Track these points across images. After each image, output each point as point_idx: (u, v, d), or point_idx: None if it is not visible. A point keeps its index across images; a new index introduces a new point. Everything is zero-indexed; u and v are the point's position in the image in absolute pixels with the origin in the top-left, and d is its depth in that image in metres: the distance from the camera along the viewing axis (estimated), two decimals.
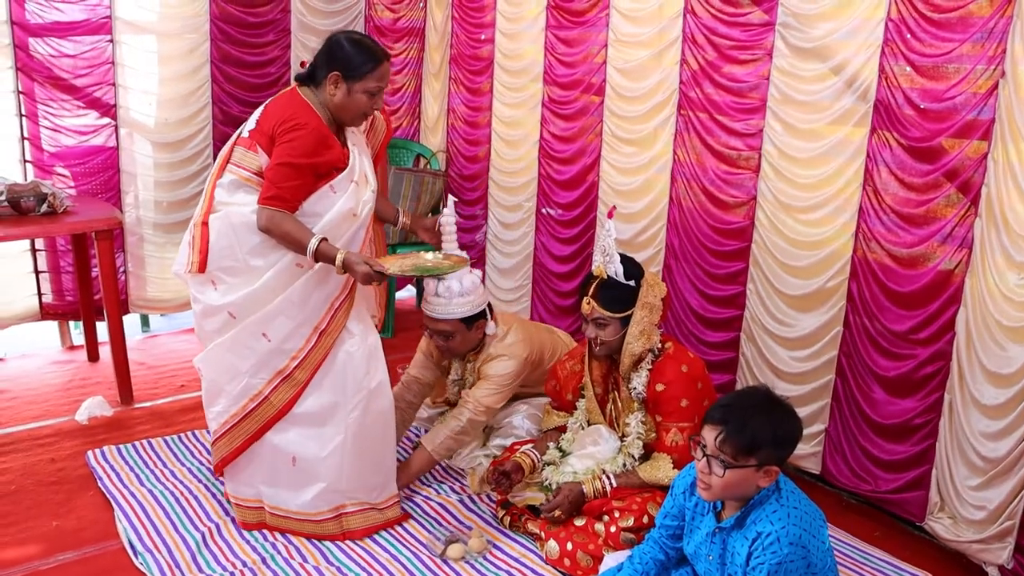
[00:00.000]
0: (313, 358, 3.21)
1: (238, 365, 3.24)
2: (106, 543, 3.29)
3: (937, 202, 3.28)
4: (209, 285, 3.22)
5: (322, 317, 3.21)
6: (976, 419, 3.17)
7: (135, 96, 5.10)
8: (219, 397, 3.31)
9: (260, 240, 3.13)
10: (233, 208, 3.16)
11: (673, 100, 4.17)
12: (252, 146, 3.15)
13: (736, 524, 2.51)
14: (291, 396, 3.23)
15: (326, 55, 3.20)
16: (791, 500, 2.47)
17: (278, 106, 3.19)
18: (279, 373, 3.22)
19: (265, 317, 3.17)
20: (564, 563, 3.15)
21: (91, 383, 4.75)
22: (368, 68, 3.15)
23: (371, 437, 3.32)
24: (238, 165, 3.19)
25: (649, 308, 3.23)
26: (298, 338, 3.20)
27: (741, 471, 2.41)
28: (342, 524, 3.33)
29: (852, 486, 3.64)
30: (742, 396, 2.62)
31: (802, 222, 3.71)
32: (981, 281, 3.12)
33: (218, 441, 3.33)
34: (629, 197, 4.48)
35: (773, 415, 2.45)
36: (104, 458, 3.87)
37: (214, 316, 3.24)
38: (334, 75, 3.13)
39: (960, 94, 3.16)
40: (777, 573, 2.35)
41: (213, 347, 3.27)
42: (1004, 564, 3.13)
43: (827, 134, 3.59)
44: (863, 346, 3.55)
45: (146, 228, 5.32)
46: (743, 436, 2.39)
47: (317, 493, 3.28)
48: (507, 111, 5.24)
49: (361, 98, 3.17)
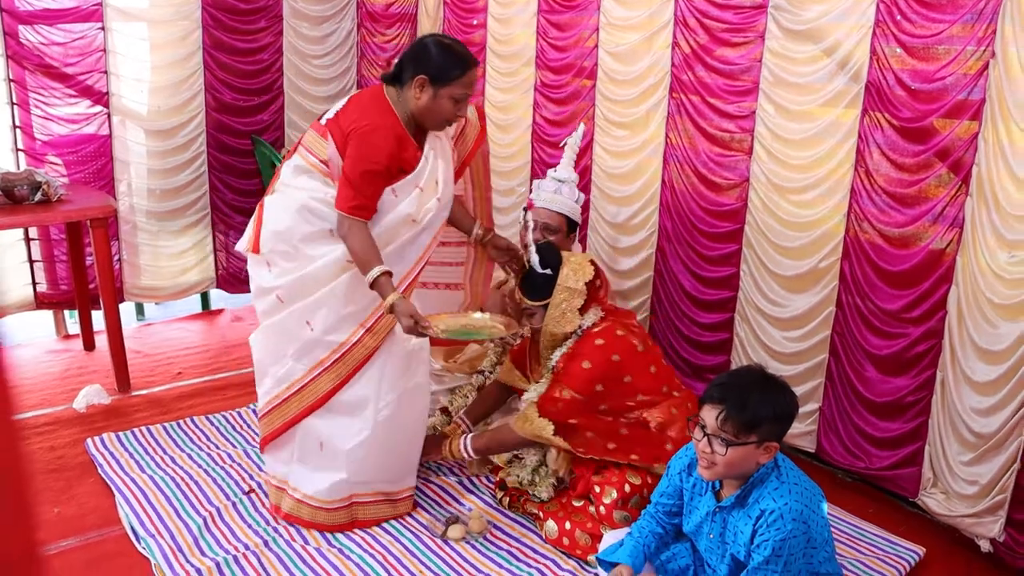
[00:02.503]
0: (355, 354, 3.18)
1: (283, 349, 3.25)
2: (108, 529, 3.31)
3: (928, 182, 3.31)
4: (264, 266, 3.25)
5: (370, 315, 3.17)
6: (968, 395, 3.21)
7: (127, 84, 5.10)
8: (265, 377, 3.35)
9: (315, 229, 3.14)
10: (292, 191, 3.17)
11: (665, 83, 4.19)
12: (324, 134, 3.14)
13: (737, 503, 2.55)
14: (331, 387, 3.22)
15: (413, 57, 3.13)
16: (791, 477, 2.51)
17: (360, 104, 3.17)
18: (320, 363, 3.21)
19: (310, 306, 3.17)
20: (563, 542, 3.20)
21: (88, 372, 4.76)
22: (455, 74, 3.09)
23: (398, 434, 3.31)
24: (308, 150, 3.19)
25: (569, 292, 3.32)
26: (342, 331, 3.18)
27: (743, 448, 2.44)
28: (353, 513, 3.32)
29: (846, 464, 3.69)
30: (737, 375, 2.65)
31: (794, 203, 3.74)
32: (972, 260, 3.16)
33: (263, 418, 3.38)
34: (621, 180, 4.50)
35: (770, 392, 2.49)
36: (103, 445, 3.89)
37: (264, 297, 3.28)
38: (420, 79, 3.07)
39: (950, 75, 3.18)
40: (782, 549, 2.40)
41: (263, 327, 3.32)
42: (996, 537, 3.18)
43: (819, 115, 3.61)
44: (856, 325, 3.58)
45: (140, 216, 5.33)
46: (744, 414, 2.42)
47: (334, 483, 3.27)
48: (499, 96, 5.24)
49: (446, 104, 3.11)
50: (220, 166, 5.53)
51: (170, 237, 5.49)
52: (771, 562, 2.41)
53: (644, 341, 3.41)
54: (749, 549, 2.49)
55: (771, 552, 2.41)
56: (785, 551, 2.40)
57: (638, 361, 3.31)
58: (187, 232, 5.55)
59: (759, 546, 2.44)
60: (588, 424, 3.23)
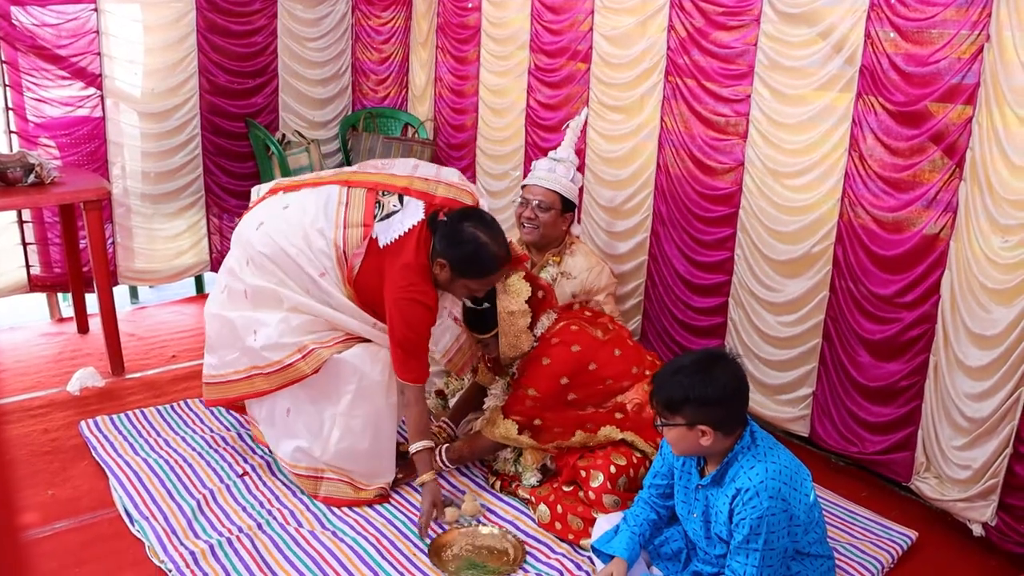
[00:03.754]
0: (289, 374, 3.25)
1: (230, 341, 3.39)
2: (102, 511, 3.31)
3: (922, 166, 3.31)
4: (244, 261, 3.36)
5: (308, 342, 3.26)
6: (961, 380, 3.21)
7: (120, 66, 5.08)
8: (213, 352, 3.51)
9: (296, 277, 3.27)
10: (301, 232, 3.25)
11: (660, 67, 4.17)
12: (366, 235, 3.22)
13: (714, 481, 2.56)
14: (269, 389, 3.32)
15: (447, 242, 3.16)
16: (769, 456, 2.50)
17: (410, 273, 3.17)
18: (256, 368, 3.32)
19: (261, 319, 3.28)
20: (555, 527, 3.20)
21: (81, 355, 4.75)
22: (476, 276, 3.20)
23: (363, 423, 3.33)
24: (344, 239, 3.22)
25: (512, 315, 3.31)
26: (279, 352, 3.26)
27: (675, 429, 2.51)
28: (317, 487, 3.38)
29: (840, 448, 3.69)
30: (678, 358, 2.67)
31: (789, 187, 3.73)
32: (966, 244, 3.15)
33: (209, 386, 3.53)
34: (616, 164, 4.49)
35: (696, 376, 2.48)
36: (97, 428, 3.89)
37: (233, 280, 3.40)
38: (441, 262, 3.17)
39: (944, 58, 3.17)
40: (760, 527, 2.40)
41: (219, 315, 3.41)
42: (988, 521, 3.19)
43: (814, 99, 3.60)
44: (849, 310, 3.58)
45: (133, 199, 5.31)
46: (661, 395, 2.52)
47: (296, 447, 3.36)
48: (494, 79, 5.23)
49: (460, 290, 3.26)
50: (214, 149, 5.51)
51: (164, 220, 5.47)
52: (750, 540, 2.42)
53: (605, 328, 3.42)
54: (729, 528, 2.50)
55: (749, 531, 2.42)
56: (764, 529, 2.40)
57: (600, 347, 3.32)
58: (181, 215, 5.53)
59: (737, 525, 2.45)
60: (555, 420, 3.27)
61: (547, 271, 3.94)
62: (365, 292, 3.25)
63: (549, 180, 3.92)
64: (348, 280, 3.24)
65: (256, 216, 3.39)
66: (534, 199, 3.90)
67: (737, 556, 2.47)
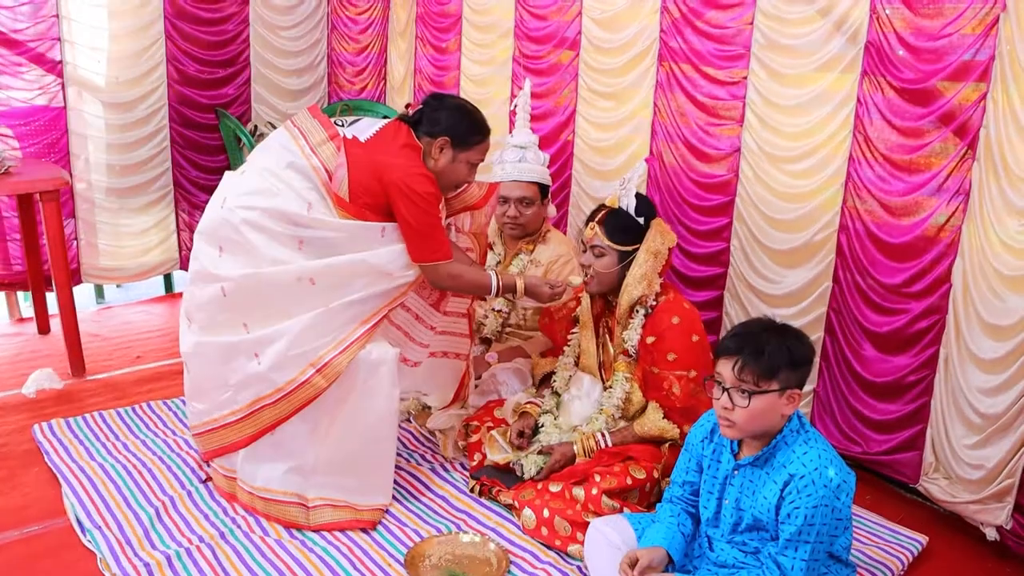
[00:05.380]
0: (300, 395, 2.93)
1: (224, 376, 3.00)
2: (52, 521, 3.07)
3: (932, 148, 3.13)
4: (215, 247, 2.99)
5: (321, 355, 2.91)
6: (973, 374, 3.04)
7: (83, 53, 4.86)
8: (202, 396, 3.10)
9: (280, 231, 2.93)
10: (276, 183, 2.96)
11: (653, 50, 3.99)
12: (339, 145, 2.99)
13: (758, 462, 2.42)
14: (273, 422, 2.97)
15: (440, 116, 3.06)
16: (820, 441, 2.40)
17: (402, 154, 3.01)
18: (261, 399, 2.95)
19: (264, 339, 2.92)
20: (542, 532, 2.97)
21: (41, 355, 4.51)
22: (477, 140, 3.09)
23: (358, 438, 3.03)
24: (313, 149, 2.98)
25: (654, 254, 3.10)
26: (290, 370, 2.92)
27: (765, 397, 2.34)
28: (308, 515, 3.04)
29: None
30: (749, 325, 2.53)
31: (788, 173, 3.56)
32: (979, 229, 2.99)
33: (200, 436, 3.13)
34: (606, 153, 4.30)
35: (786, 337, 2.40)
36: (51, 432, 3.64)
37: (205, 286, 3.00)
38: (443, 140, 3.04)
39: (956, 32, 3.00)
40: (814, 517, 2.29)
41: (204, 344, 3.03)
42: (1003, 525, 3.02)
43: (815, 80, 3.44)
44: (853, 301, 3.41)
45: (99, 193, 5.10)
46: (761, 360, 2.34)
47: (287, 470, 3.02)
48: (476, 69, 5.04)
49: (462, 168, 3.11)
50: (183, 141, 5.30)
51: (131, 215, 5.25)
52: (803, 532, 2.30)
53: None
54: (775, 517, 2.36)
55: (803, 521, 2.29)
56: (818, 520, 2.29)
57: (702, 331, 3.14)
58: (148, 210, 5.32)
59: (789, 515, 2.32)
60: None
61: (518, 260, 3.78)
62: (360, 195, 2.96)
63: (523, 171, 3.72)
64: (338, 203, 2.96)
65: (216, 199, 3.08)
66: (513, 196, 3.69)
67: (786, 551, 2.33)
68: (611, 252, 3.11)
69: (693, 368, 3.03)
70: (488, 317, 3.85)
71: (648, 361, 3.11)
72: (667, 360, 3.04)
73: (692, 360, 3.04)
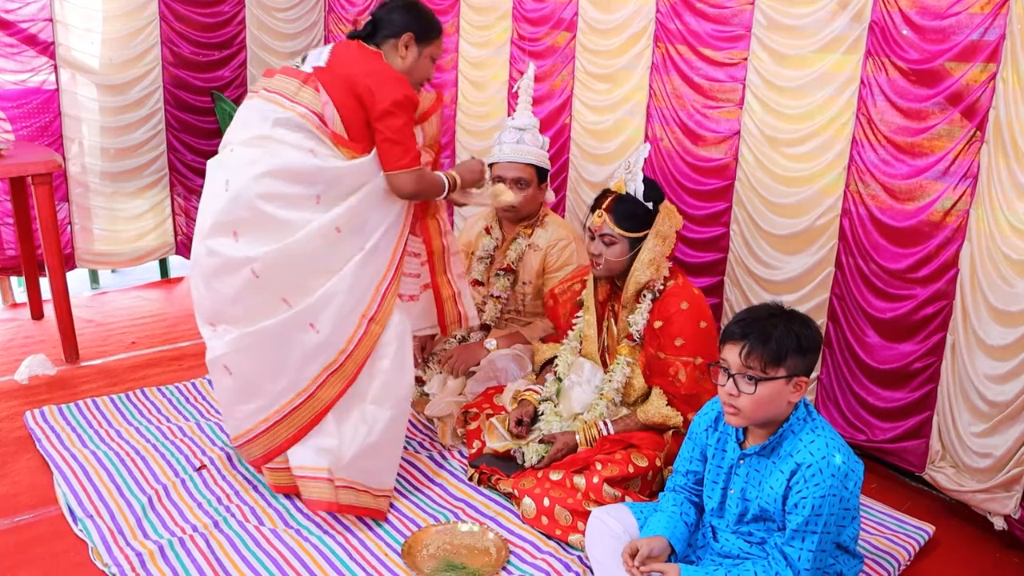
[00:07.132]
0: (363, 349, 2.90)
1: (282, 361, 2.89)
2: (43, 509, 3.03)
3: (937, 130, 3.06)
4: (229, 235, 2.86)
5: (369, 303, 2.91)
6: (981, 361, 2.98)
7: (76, 34, 4.81)
8: (252, 398, 2.95)
9: (294, 192, 2.85)
10: (274, 145, 2.86)
11: (649, 31, 3.92)
12: (315, 86, 2.90)
13: (765, 451, 2.37)
14: (339, 390, 2.91)
15: (395, 16, 3.05)
16: (827, 430, 2.34)
17: (364, 56, 2.98)
18: (328, 367, 2.90)
19: (315, 306, 2.85)
20: (542, 521, 2.92)
21: (34, 341, 4.47)
22: (435, 33, 3.12)
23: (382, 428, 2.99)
24: (291, 98, 2.90)
25: (662, 238, 3.05)
26: (348, 327, 2.89)
27: (771, 384, 2.29)
28: (336, 493, 2.92)
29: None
30: (755, 310, 2.47)
31: (789, 156, 3.50)
32: (988, 213, 2.92)
33: (250, 443, 3.00)
34: (602, 136, 4.24)
35: (793, 323, 2.34)
36: (44, 418, 3.59)
37: (231, 275, 2.86)
38: (408, 36, 3.03)
39: (964, 11, 2.93)
40: (822, 507, 2.24)
41: (247, 342, 2.90)
42: (1011, 514, 2.97)
43: (817, 61, 3.36)
44: (856, 287, 3.35)
45: (93, 177, 5.04)
46: (768, 345, 2.29)
47: (321, 447, 2.92)
48: (474, 51, 4.96)
49: (426, 63, 3.12)
50: (179, 124, 5.24)
51: (125, 199, 5.20)
52: (810, 522, 2.25)
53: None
54: (782, 507, 2.31)
55: (810, 511, 2.24)
56: (825, 509, 2.24)
57: (710, 318, 3.09)
58: (143, 194, 5.27)
59: (796, 505, 2.27)
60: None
61: (516, 244, 3.73)
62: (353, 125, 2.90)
63: (520, 153, 3.65)
64: (339, 142, 2.90)
65: (215, 186, 2.94)
66: (509, 176, 3.63)
67: (792, 541, 2.28)
68: (621, 240, 3.05)
69: (699, 355, 2.98)
70: (487, 303, 3.79)
71: (654, 346, 3.05)
72: (674, 345, 2.99)
73: (699, 346, 2.98)
